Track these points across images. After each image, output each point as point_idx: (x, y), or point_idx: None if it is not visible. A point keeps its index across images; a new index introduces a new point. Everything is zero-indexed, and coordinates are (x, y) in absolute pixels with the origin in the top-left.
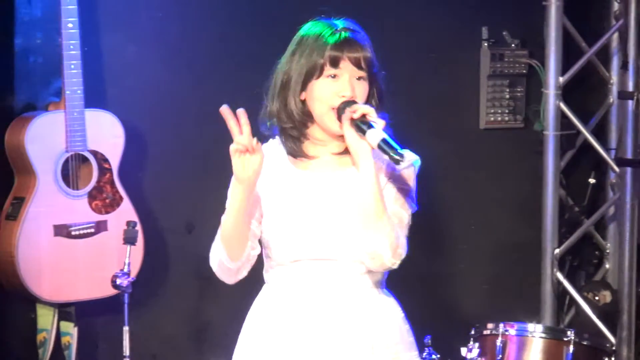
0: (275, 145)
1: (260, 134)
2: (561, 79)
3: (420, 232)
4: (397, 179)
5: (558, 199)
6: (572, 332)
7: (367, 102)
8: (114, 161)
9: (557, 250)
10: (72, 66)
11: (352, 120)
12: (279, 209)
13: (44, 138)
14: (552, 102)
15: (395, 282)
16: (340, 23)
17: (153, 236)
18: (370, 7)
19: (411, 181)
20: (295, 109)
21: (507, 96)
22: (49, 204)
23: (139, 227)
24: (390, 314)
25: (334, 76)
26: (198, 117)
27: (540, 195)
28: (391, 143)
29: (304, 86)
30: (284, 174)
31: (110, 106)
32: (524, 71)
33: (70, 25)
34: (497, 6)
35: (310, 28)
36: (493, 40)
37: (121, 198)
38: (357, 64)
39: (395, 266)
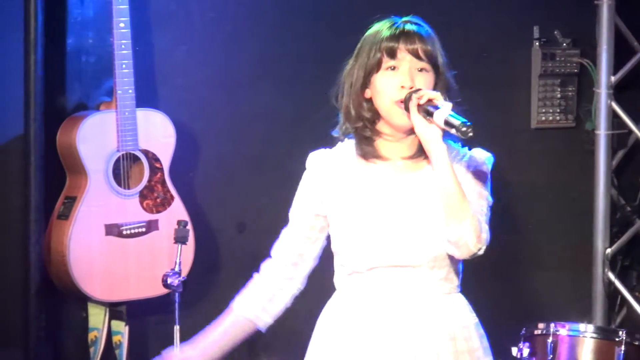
0: (343, 149)
1: (331, 138)
2: (613, 78)
3: None
4: (472, 174)
5: (609, 198)
6: (624, 332)
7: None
8: (165, 160)
9: (608, 250)
10: (124, 66)
11: (419, 106)
12: (352, 215)
13: (95, 138)
14: (603, 101)
15: None
16: (400, 19)
17: (204, 236)
18: (422, 7)
19: (485, 177)
20: (363, 107)
21: (559, 95)
22: (101, 203)
23: (190, 227)
24: (467, 320)
25: (394, 68)
26: (250, 117)
27: (591, 195)
28: (455, 116)
29: (366, 82)
30: (355, 179)
31: (162, 106)
32: (576, 70)
33: (121, 25)
34: (548, 5)
35: (372, 27)
36: (544, 40)
37: (172, 197)
38: (415, 54)
39: (481, 252)
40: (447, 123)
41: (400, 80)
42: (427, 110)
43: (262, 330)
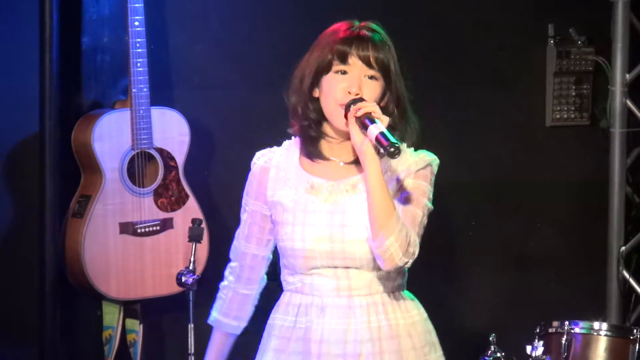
0: (287, 148)
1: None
2: (628, 76)
3: (487, 229)
4: (413, 178)
5: (624, 196)
6: (638, 330)
7: (384, 106)
8: (180, 159)
9: (623, 248)
10: (139, 64)
11: (357, 118)
12: (293, 216)
13: (110, 136)
14: (618, 99)
15: (462, 279)
16: (358, 22)
17: (219, 234)
18: (437, 5)
19: (427, 180)
20: (309, 106)
21: (574, 93)
22: (115, 201)
23: (204, 225)
24: (412, 317)
25: (344, 72)
26: (264, 116)
27: (606, 193)
28: (387, 136)
29: (315, 82)
30: (297, 180)
31: (177, 104)
32: (591, 68)
33: (136, 23)
34: (563, 3)
35: (331, 28)
36: (559, 38)
37: (187, 196)
38: (366, 61)
39: (408, 265)
40: (377, 140)
41: (348, 85)
42: (363, 123)
43: (237, 333)
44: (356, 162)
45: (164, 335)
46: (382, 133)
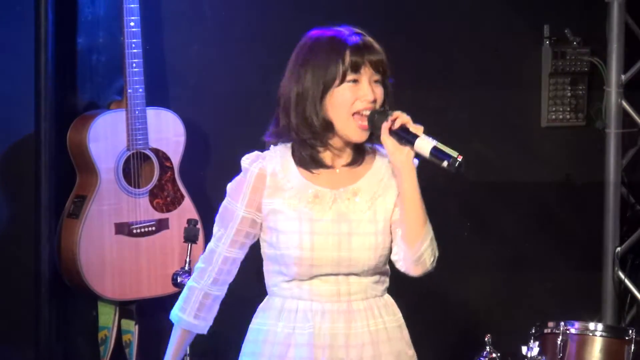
0: (278, 153)
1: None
2: (623, 77)
3: (483, 230)
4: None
5: (619, 197)
6: (633, 330)
7: (382, 105)
8: (175, 159)
9: (618, 249)
10: (134, 65)
11: (392, 130)
12: (295, 224)
13: (106, 136)
14: (614, 100)
15: (458, 280)
16: (346, 28)
17: None
18: (433, 5)
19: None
20: (315, 119)
21: (569, 94)
22: (111, 202)
23: (200, 226)
24: (399, 319)
25: (355, 81)
26: (261, 116)
27: (601, 194)
28: (444, 150)
29: (324, 94)
30: (296, 187)
31: (173, 105)
32: (586, 69)
33: (132, 24)
34: (559, 4)
35: (319, 36)
36: (555, 38)
37: (182, 196)
38: (376, 67)
39: (432, 269)
40: (434, 155)
41: (362, 94)
42: (399, 135)
43: (205, 333)
44: (351, 164)
45: (159, 335)
46: (436, 148)
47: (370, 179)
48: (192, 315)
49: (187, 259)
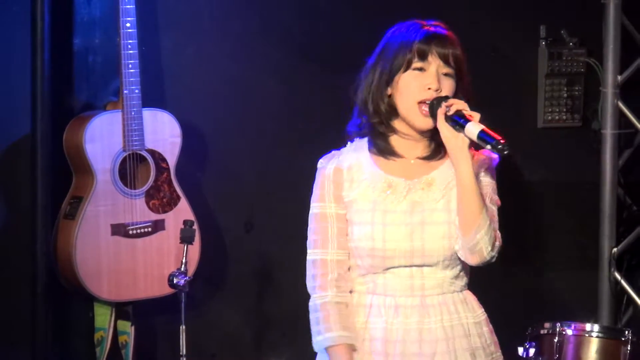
0: (353, 149)
1: (338, 139)
2: (619, 78)
3: None
4: (482, 176)
5: (616, 197)
6: (630, 331)
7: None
8: (172, 160)
9: (614, 250)
10: (130, 66)
11: (447, 115)
12: (369, 215)
13: (102, 137)
14: (610, 100)
15: None
16: (427, 21)
17: (211, 236)
18: (429, 6)
19: (493, 177)
20: (382, 103)
21: (565, 95)
22: (107, 203)
23: (196, 227)
24: (479, 316)
25: (421, 69)
26: (257, 117)
27: (598, 194)
28: (490, 134)
29: (390, 80)
30: (370, 179)
31: (169, 106)
32: (582, 70)
33: (128, 25)
34: (555, 5)
35: (398, 27)
36: (551, 39)
37: (178, 197)
38: (445, 59)
39: (494, 259)
40: (480, 138)
41: (427, 82)
42: (455, 120)
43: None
44: (428, 158)
45: (155, 336)
46: (483, 131)
47: (445, 170)
48: (342, 328)
49: (184, 260)
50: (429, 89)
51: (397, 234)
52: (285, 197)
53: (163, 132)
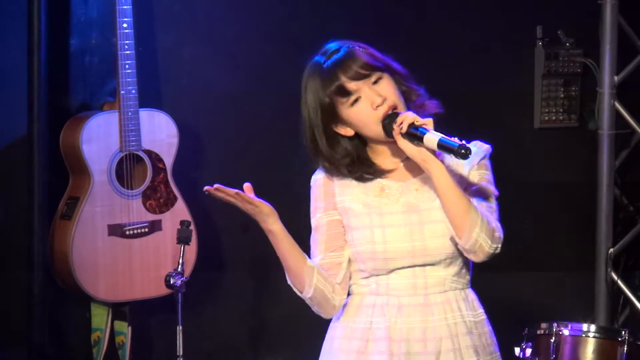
0: None
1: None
2: (616, 78)
3: None
4: (477, 170)
5: (613, 198)
6: (627, 332)
7: (406, 96)
8: (168, 161)
9: (611, 250)
10: (127, 66)
11: (403, 134)
12: (372, 221)
13: (98, 138)
14: (607, 101)
15: None
16: (326, 51)
17: (208, 236)
18: (426, 6)
19: (488, 169)
20: (342, 145)
21: (562, 95)
22: (104, 203)
23: (192, 227)
24: (480, 315)
25: (356, 100)
26: (253, 117)
27: (594, 195)
28: (449, 141)
29: (332, 126)
30: (367, 186)
31: (165, 106)
32: (579, 70)
33: (125, 25)
34: (551, 5)
35: (306, 73)
36: (548, 39)
37: (175, 198)
38: (359, 76)
39: (498, 250)
40: (441, 147)
41: (370, 103)
42: (412, 134)
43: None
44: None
45: (152, 337)
46: (442, 139)
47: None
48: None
49: (180, 261)
50: (378, 106)
51: (397, 235)
52: (282, 197)
53: (160, 133)
